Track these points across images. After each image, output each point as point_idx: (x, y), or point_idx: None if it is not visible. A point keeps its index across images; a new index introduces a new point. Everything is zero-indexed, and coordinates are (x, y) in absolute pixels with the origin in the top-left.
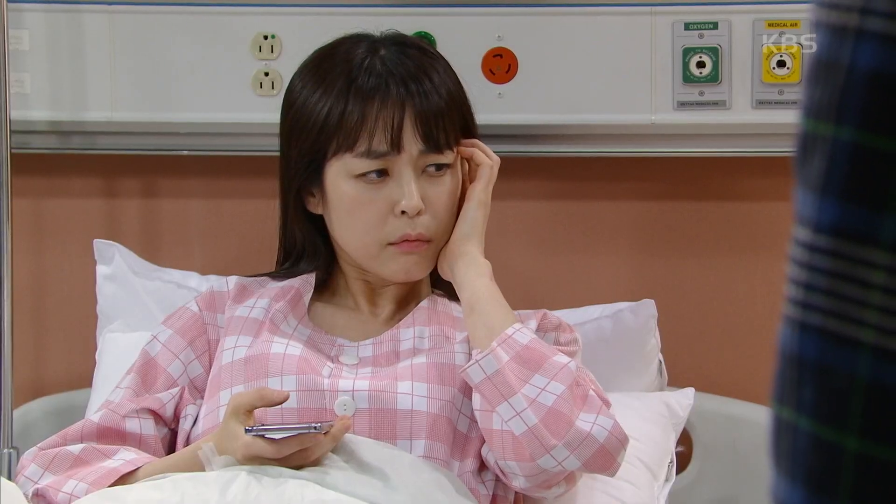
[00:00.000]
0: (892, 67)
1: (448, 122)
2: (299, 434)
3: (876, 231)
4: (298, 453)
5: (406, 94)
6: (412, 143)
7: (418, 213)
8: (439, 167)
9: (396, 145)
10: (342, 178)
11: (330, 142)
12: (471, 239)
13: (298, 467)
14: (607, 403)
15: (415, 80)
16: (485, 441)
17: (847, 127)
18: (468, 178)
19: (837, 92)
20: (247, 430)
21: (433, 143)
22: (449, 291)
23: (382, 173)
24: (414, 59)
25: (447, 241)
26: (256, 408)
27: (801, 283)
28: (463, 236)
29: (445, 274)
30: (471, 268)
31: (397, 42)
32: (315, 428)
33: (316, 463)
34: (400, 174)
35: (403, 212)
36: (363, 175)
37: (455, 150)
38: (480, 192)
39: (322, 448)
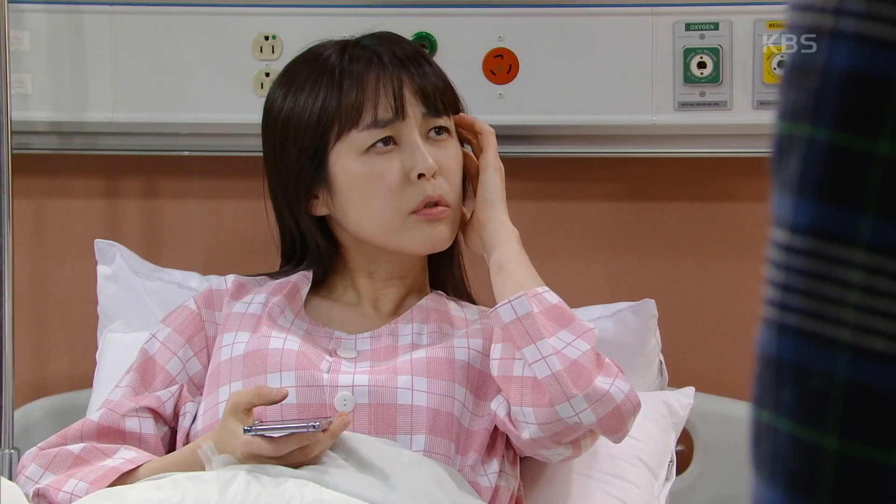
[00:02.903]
0: (867, 67)
1: (444, 94)
2: (298, 432)
3: (853, 230)
4: (298, 451)
5: (400, 64)
6: (415, 107)
7: (434, 176)
8: (441, 131)
9: (401, 111)
10: (350, 159)
11: (332, 126)
12: (495, 205)
13: (298, 465)
14: (622, 372)
15: (410, 59)
16: (484, 436)
17: (823, 127)
18: (475, 152)
19: (813, 93)
20: (245, 430)
21: (433, 107)
22: (448, 291)
23: (390, 142)
24: (402, 45)
25: (471, 214)
26: (255, 406)
27: (778, 285)
28: (487, 204)
29: (475, 245)
30: (500, 232)
31: (374, 35)
32: (314, 426)
33: (315, 460)
34: (408, 141)
35: (421, 175)
36: (372, 147)
37: (452, 118)
38: (493, 158)
39: (321, 445)
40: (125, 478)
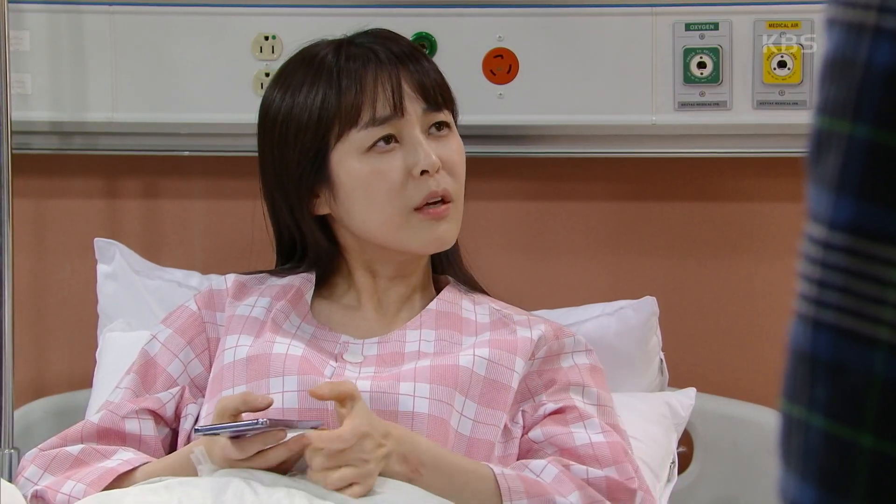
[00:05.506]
0: None
1: (443, 88)
2: (262, 433)
3: (894, 229)
4: (265, 454)
5: (397, 60)
6: (414, 103)
7: (437, 171)
8: (442, 126)
9: (399, 108)
10: (352, 159)
11: (332, 125)
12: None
13: (285, 470)
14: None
15: (406, 56)
16: (491, 447)
17: (863, 125)
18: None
19: (854, 90)
20: (196, 430)
21: (433, 101)
22: (459, 281)
23: (391, 140)
24: (398, 42)
25: None
26: (241, 412)
27: (814, 281)
28: None
29: None
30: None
31: (368, 33)
32: (261, 423)
33: (291, 465)
34: (409, 138)
35: (424, 172)
36: (373, 146)
37: (451, 113)
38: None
39: (286, 451)
40: (122, 479)
